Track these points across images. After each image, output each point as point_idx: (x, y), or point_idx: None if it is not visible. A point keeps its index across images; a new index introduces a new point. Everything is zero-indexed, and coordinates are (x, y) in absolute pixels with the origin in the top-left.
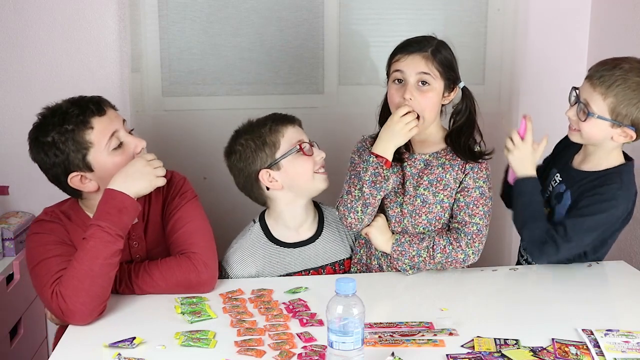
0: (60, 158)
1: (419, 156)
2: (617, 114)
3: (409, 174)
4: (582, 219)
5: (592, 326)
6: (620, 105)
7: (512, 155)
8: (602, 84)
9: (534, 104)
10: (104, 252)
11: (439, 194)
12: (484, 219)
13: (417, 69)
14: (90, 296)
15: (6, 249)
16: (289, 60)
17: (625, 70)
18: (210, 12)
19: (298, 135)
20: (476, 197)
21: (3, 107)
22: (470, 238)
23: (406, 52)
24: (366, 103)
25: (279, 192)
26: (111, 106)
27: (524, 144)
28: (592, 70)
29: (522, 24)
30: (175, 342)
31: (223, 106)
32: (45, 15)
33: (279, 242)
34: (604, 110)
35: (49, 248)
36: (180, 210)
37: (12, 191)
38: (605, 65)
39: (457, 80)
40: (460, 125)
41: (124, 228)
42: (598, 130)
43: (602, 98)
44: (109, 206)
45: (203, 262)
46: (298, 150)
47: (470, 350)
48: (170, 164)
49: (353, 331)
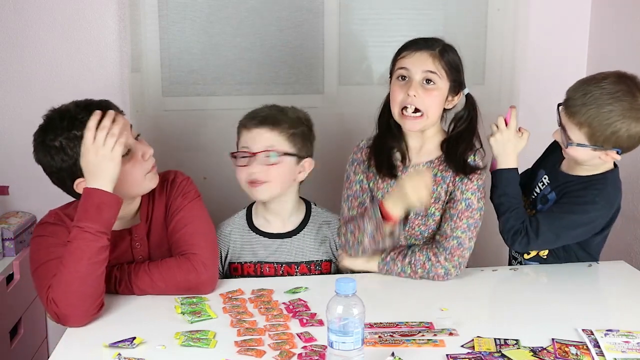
0: (67, 163)
1: (412, 169)
2: (596, 141)
3: None
4: (556, 216)
5: (592, 326)
6: (597, 133)
7: (494, 138)
8: (575, 114)
9: (534, 104)
10: (88, 251)
11: (430, 207)
12: (467, 232)
13: (424, 67)
14: (81, 298)
15: (6, 249)
16: (289, 60)
17: (595, 98)
18: (210, 12)
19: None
20: (461, 210)
21: (3, 107)
22: (449, 252)
23: (413, 49)
24: (366, 103)
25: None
26: (119, 111)
27: (507, 129)
28: (568, 96)
29: (522, 24)
30: (175, 342)
31: (223, 106)
32: (45, 15)
33: (256, 229)
34: (581, 138)
35: (51, 251)
36: (182, 211)
37: (12, 191)
38: (578, 92)
39: (462, 84)
40: (460, 131)
41: (105, 223)
42: (582, 153)
43: (577, 128)
44: (87, 205)
45: (203, 263)
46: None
47: (470, 350)
48: (170, 164)
49: (353, 331)
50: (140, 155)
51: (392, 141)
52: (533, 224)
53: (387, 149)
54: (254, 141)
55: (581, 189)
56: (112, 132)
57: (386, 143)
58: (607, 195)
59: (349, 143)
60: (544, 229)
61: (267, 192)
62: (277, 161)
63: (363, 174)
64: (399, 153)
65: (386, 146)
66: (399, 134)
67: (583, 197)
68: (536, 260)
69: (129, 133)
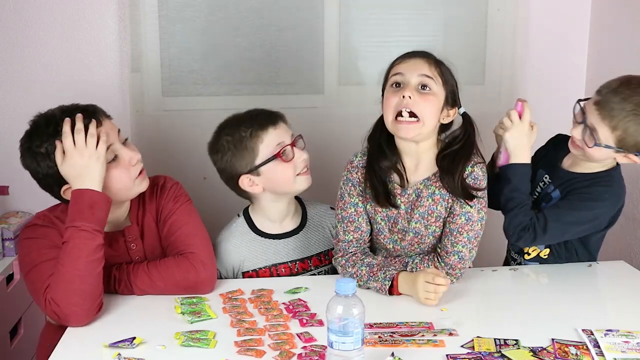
0: (53, 169)
1: (410, 190)
2: (624, 145)
3: (403, 212)
4: (563, 212)
5: (592, 326)
6: (629, 137)
7: (510, 133)
8: (612, 118)
9: (534, 104)
10: (85, 249)
11: (431, 226)
12: (468, 244)
13: (420, 71)
14: (82, 296)
15: (6, 249)
16: (289, 60)
17: (636, 105)
18: (210, 12)
19: (278, 138)
20: (461, 224)
21: (3, 107)
22: (450, 267)
23: (408, 56)
24: (366, 103)
25: (261, 193)
26: (106, 116)
27: (522, 122)
28: (602, 97)
29: (522, 24)
30: (175, 342)
31: (223, 106)
32: (45, 15)
33: (263, 233)
34: (610, 140)
35: (42, 253)
36: (175, 214)
37: (12, 191)
38: (616, 96)
39: (457, 102)
40: (456, 150)
41: (99, 222)
42: (602, 154)
43: (610, 130)
44: (80, 205)
45: (201, 261)
46: (277, 157)
47: (470, 350)
48: (171, 164)
49: (353, 331)
50: (127, 161)
51: (386, 162)
52: (540, 220)
53: (383, 173)
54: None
55: (588, 186)
56: (90, 132)
57: (381, 168)
58: (614, 191)
59: (348, 143)
60: (552, 224)
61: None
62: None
63: (358, 197)
64: (395, 174)
65: (382, 170)
66: (391, 154)
67: (590, 194)
68: (536, 261)
69: (116, 137)
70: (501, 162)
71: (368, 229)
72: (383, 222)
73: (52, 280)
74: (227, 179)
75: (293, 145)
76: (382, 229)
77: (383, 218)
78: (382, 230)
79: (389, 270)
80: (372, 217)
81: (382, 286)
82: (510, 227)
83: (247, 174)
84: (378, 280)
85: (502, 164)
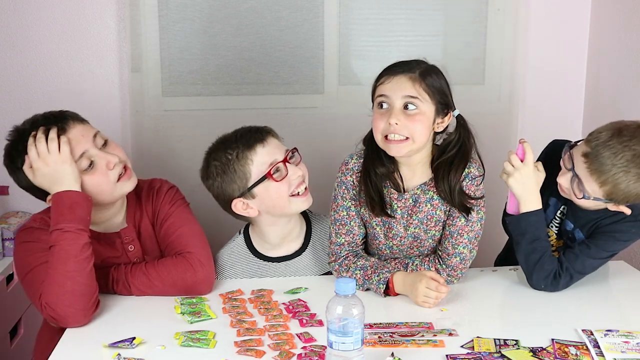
0: (32, 183)
1: (408, 195)
2: (613, 198)
3: (399, 217)
4: (597, 251)
5: (592, 326)
6: (619, 192)
7: (513, 178)
8: (601, 173)
9: (534, 104)
10: (73, 250)
11: (430, 230)
12: (469, 245)
13: (403, 92)
14: (76, 296)
15: (6, 249)
16: (289, 60)
17: (627, 161)
18: (210, 12)
19: (269, 156)
20: (461, 226)
21: (3, 107)
22: (452, 269)
23: (391, 74)
24: (366, 103)
25: (258, 216)
26: (80, 120)
27: (524, 165)
28: (591, 149)
29: (522, 24)
30: (175, 342)
31: (223, 106)
32: (45, 15)
33: (262, 256)
34: (599, 193)
35: (38, 256)
36: (172, 217)
37: (12, 191)
38: (606, 150)
39: (450, 106)
40: (451, 157)
41: (81, 221)
42: (590, 204)
43: (599, 185)
44: (60, 208)
45: (199, 261)
46: (267, 176)
47: (470, 350)
48: (170, 164)
49: (353, 331)
50: (104, 166)
51: (382, 168)
52: (576, 264)
53: (379, 180)
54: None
55: (614, 223)
56: (50, 137)
57: (377, 174)
58: (638, 220)
59: (348, 143)
60: (589, 265)
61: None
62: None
63: (351, 200)
64: (392, 186)
65: (377, 177)
66: (387, 159)
67: (619, 232)
68: None
69: (90, 142)
70: (510, 209)
71: (361, 232)
72: (378, 227)
73: (45, 285)
74: (223, 205)
75: (286, 161)
76: (377, 234)
77: (378, 223)
78: (378, 235)
79: (383, 272)
80: (367, 221)
81: (377, 289)
82: (539, 280)
83: (240, 197)
84: (372, 283)
85: (512, 211)
